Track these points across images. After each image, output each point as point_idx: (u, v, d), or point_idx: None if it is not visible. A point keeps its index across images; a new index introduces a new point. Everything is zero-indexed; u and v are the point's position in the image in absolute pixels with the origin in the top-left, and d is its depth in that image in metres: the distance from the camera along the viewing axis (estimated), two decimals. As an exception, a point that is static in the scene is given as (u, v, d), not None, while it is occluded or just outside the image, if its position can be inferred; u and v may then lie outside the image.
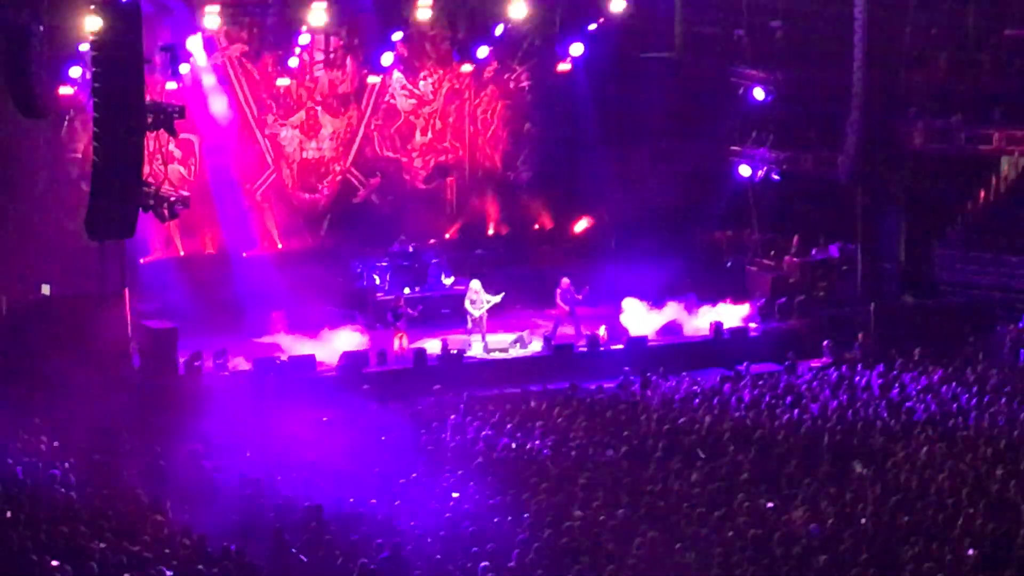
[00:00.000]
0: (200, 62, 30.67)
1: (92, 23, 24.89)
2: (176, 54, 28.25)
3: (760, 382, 26.34)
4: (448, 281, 32.08)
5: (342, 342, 28.82)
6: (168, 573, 16.52)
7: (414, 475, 20.74)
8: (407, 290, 31.28)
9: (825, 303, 31.75)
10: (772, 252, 33.53)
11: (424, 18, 32.81)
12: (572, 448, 22.22)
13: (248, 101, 32.33)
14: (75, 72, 27.81)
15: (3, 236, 28.01)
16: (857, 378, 26.22)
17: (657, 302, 31.07)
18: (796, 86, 33.72)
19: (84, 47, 26.49)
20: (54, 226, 28.66)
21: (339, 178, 33.70)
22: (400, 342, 28.90)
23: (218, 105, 31.52)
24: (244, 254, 31.82)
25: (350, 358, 27.89)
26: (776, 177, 33.35)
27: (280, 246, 32.33)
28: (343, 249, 32.87)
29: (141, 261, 30.08)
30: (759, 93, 33.45)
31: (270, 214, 32.57)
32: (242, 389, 26.25)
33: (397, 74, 33.82)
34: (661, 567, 17.00)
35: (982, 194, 33.30)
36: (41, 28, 26.39)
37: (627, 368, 27.28)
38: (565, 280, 30.44)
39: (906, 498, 19.38)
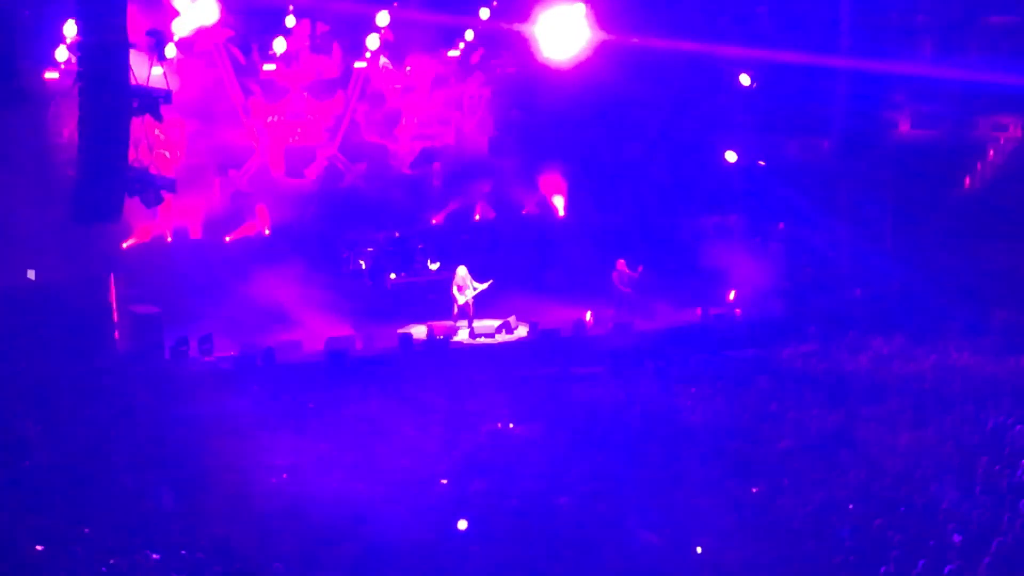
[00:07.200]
0: (186, 46, 30.55)
1: (78, 7, 24.76)
2: (162, 38, 28.13)
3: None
4: (434, 267, 32.06)
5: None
6: (154, 556, 16.56)
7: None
8: (392, 275, 31.29)
9: (810, 288, 31.82)
10: (757, 238, 33.55)
11: (411, 2, 32.74)
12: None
13: (234, 86, 32.24)
14: (61, 56, 27.72)
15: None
16: (843, 362, 26.32)
17: None
18: (781, 71, 33.76)
19: (70, 31, 26.40)
20: (39, 211, 28.52)
21: (325, 163, 33.64)
22: None
23: (204, 90, 31.41)
24: (227, 238, 31.76)
25: (336, 344, 27.90)
26: (761, 163, 33.41)
27: (266, 232, 32.25)
28: (329, 234, 32.80)
29: (124, 245, 30.02)
30: (745, 79, 33.49)
31: (256, 200, 32.46)
32: (228, 375, 26.26)
33: (383, 59, 33.75)
34: None
35: (967, 180, 33.34)
36: (27, 12, 26.30)
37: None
38: (620, 261, 30.92)
39: (890, 483, 19.48)
